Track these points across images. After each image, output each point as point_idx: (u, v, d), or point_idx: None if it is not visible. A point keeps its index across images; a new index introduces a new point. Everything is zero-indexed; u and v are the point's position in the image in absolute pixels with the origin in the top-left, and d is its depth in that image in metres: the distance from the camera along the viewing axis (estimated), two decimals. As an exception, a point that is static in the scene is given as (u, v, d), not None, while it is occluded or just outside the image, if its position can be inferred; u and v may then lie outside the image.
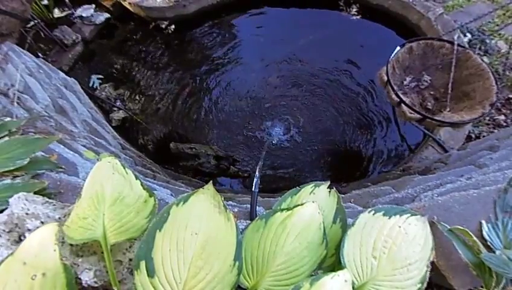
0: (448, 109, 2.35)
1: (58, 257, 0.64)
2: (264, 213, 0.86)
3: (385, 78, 2.24)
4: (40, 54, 3.78)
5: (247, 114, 3.78)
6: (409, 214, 0.88)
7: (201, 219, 0.74)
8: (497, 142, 2.05)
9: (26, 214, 0.80)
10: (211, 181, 0.80)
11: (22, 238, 0.79)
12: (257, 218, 0.85)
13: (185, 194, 0.77)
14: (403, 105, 2.18)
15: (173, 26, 4.36)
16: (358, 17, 4.29)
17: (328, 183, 0.99)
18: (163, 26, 4.36)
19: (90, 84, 3.91)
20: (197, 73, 4.11)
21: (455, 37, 2.45)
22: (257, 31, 4.42)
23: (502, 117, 3.13)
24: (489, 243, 0.89)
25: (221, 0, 4.42)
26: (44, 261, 0.63)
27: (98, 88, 3.89)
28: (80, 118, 2.63)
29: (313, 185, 0.99)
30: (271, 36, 4.34)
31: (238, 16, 4.57)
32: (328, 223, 0.90)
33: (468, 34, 3.62)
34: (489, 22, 3.80)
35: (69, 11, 4.17)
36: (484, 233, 0.91)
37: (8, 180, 0.97)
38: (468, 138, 3.00)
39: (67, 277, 0.63)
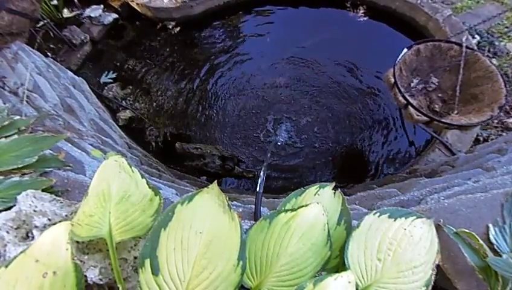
0: (456, 112, 2.33)
1: (69, 256, 0.64)
2: (268, 214, 0.85)
3: (392, 80, 2.23)
4: (49, 54, 3.84)
5: (253, 114, 3.78)
6: (414, 217, 0.87)
7: (206, 218, 0.74)
8: (505, 145, 2.02)
9: (34, 211, 0.81)
10: (215, 181, 0.80)
11: (30, 235, 0.80)
12: (261, 218, 0.85)
13: (190, 193, 0.77)
14: (410, 107, 2.16)
15: (179, 28, 4.39)
16: (365, 18, 4.27)
17: (333, 184, 0.98)
18: (170, 26, 4.39)
19: (105, 80, 3.96)
20: (203, 73, 4.12)
21: (463, 39, 2.43)
22: (263, 31, 4.42)
23: (511, 120, 3.09)
24: (496, 247, 0.88)
25: (227, 1, 4.44)
26: (56, 259, 0.63)
27: (108, 85, 3.93)
28: (88, 117, 2.66)
29: (317, 186, 0.98)
30: (277, 36, 4.34)
31: (244, 17, 4.58)
32: (332, 225, 0.89)
33: (476, 36, 3.58)
34: (498, 23, 3.76)
35: (78, 11, 4.22)
36: (491, 237, 0.90)
37: (16, 178, 0.98)
38: (476, 141, 2.97)
39: (77, 276, 0.63)
